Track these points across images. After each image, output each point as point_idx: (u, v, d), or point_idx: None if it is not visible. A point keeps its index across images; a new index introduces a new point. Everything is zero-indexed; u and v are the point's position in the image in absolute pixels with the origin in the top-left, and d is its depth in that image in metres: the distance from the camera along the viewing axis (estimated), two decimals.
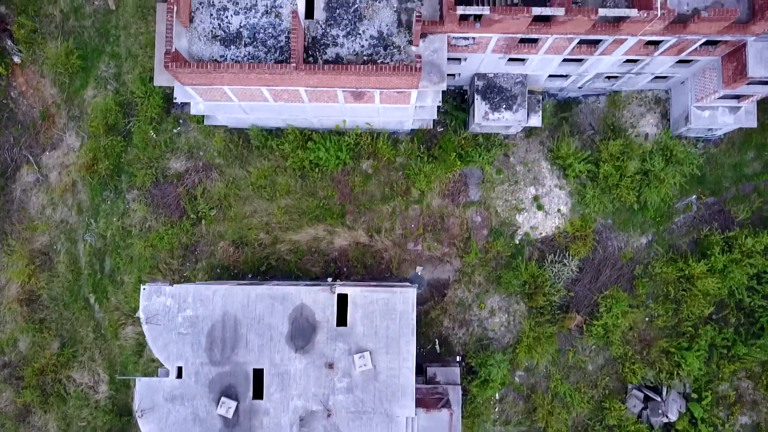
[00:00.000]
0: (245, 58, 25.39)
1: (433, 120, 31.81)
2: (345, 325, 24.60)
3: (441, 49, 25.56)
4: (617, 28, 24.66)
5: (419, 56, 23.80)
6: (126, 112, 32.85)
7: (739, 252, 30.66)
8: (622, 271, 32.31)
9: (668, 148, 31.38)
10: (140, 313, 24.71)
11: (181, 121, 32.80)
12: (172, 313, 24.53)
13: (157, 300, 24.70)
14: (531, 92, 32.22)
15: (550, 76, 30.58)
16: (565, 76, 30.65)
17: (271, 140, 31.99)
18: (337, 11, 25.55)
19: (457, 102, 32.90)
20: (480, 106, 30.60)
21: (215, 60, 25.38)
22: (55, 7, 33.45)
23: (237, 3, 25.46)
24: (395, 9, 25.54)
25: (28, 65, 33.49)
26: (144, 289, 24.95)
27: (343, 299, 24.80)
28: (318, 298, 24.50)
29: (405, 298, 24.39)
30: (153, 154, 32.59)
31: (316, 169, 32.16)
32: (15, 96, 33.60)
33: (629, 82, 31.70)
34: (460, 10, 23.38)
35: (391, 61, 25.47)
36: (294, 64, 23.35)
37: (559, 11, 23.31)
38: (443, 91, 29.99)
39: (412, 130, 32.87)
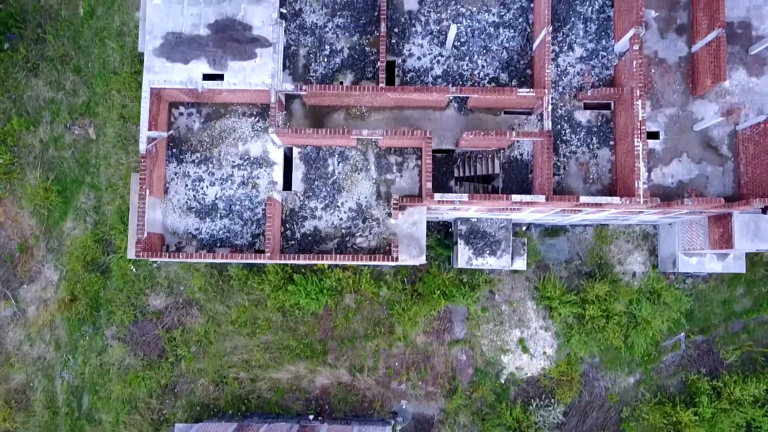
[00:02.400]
0: (221, 231, 24.92)
1: None
2: None
3: (420, 221, 25.07)
4: (600, 206, 24.18)
5: (396, 246, 23.33)
6: (105, 248, 32.33)
7: (727, 400, 30.08)
8: (609, 414, 31.71)
9: (656, 291, 30.86)
10: None
11: None
12: None
13: None
14: (516, 224, 31.84)
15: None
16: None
17: (252, 279, 31.45)
18: (316, 183, 25.09)
19: (441, 236, 32.37)
20: (463, 251, 30.05)
21: (190, 233, 24.91)
22: (34, 137, 32.98)
23: (213, 173, 25.01)
24: (374, 180, 25.08)
25: (7, 197, 32.98)
26: None
27: None
28: None
29: None
30: (132, 290, 32.04)
31: (297, 308, 31.63)
32: None
33: (616, 220, 31.28)
34: (438, 197, 22.91)
35: (370, 234, 25.00)
36: (269, 254, 22.86)
37: (540, 198, 22.86)
38: (427, 223, 29.65)
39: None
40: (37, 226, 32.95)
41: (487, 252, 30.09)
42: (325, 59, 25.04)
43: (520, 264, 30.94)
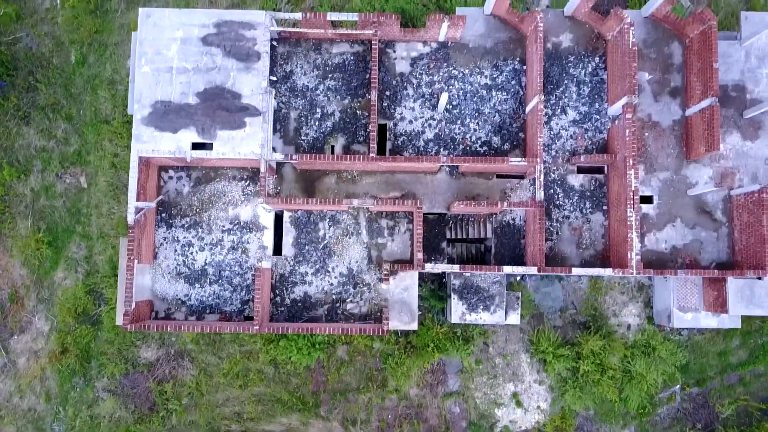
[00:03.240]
0: (210, 297, 24.70)
1: None
2: None
3: (412, 286, 24.86)
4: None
5: (387, 317, 23.10)
6: (96, 299, 32.09)
7: None
8: None
9: (651, 345, 30.61)
10: None
11: None
12: None
13: None
14: (510, 275, 31.55)
15: None
16: None
17: (243, 333, 31.19)
18: (306, 247, 24.87)
19: (435, 287, 32.10)
20: (457, 307, 29.75)
21: (179, 299, 24.69)
22: (25, 186, 32.74)
23: (202, 239, 24.79)
24: (365, 245, 24.87)
25: None
26: None
27: None
28: None
29: None
30: (123, 342, 31.77)
31: (288, 361, 31.37)
32: None
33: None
34: (429, 267, 22.71)
35: (361, 299, 24.78)
36: (257, 326, 22.63)
37: (532, 270, 22.65)
38: (420, 274, 29.31)
39: None
40: (28, 276, 32.69)
41: (481, 307, 29.82)
42: (317, 122, 24.85)
43: (514, 319, 30.65)
